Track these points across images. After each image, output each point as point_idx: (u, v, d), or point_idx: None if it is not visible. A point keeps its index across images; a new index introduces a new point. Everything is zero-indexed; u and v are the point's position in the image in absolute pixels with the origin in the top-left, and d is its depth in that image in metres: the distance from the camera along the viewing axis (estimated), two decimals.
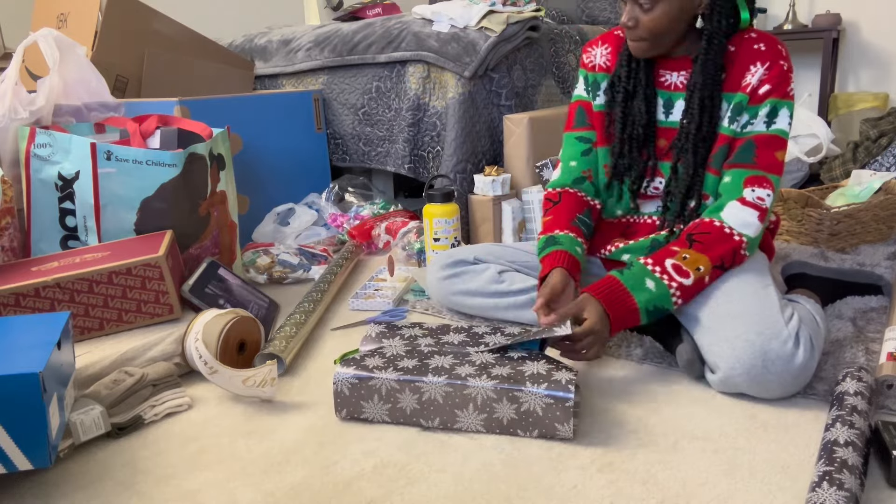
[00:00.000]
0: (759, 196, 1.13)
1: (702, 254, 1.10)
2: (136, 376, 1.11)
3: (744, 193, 1.13)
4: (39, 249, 1.45)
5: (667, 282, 1.09)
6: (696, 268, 1.10)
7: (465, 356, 1.06)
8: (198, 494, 0.90)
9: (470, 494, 0.87)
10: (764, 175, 1.13)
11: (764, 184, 1.13)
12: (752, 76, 1.14)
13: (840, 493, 0.76)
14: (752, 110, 1.15)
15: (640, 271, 1.11)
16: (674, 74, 1.22)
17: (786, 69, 1.14)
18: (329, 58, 2.30)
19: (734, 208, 1.13)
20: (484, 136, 2.10)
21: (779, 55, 1.14)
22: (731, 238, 1.11)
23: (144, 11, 2.10)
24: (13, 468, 0.86)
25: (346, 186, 2.29)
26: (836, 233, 1.76)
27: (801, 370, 1.01)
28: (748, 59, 1.14)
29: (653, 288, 1.09)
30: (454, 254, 1.45)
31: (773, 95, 1.13)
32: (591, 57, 1.31)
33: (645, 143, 1.24)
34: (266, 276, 1.76)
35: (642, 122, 1.23)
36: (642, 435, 0.98)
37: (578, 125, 1.34)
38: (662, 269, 1.10)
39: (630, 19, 1.14)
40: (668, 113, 1.23)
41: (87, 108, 1.68)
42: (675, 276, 1.10)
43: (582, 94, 1.34)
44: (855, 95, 3.08)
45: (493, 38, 2.01)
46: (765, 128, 1.14)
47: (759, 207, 1.12)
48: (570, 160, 1.33)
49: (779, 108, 1.14)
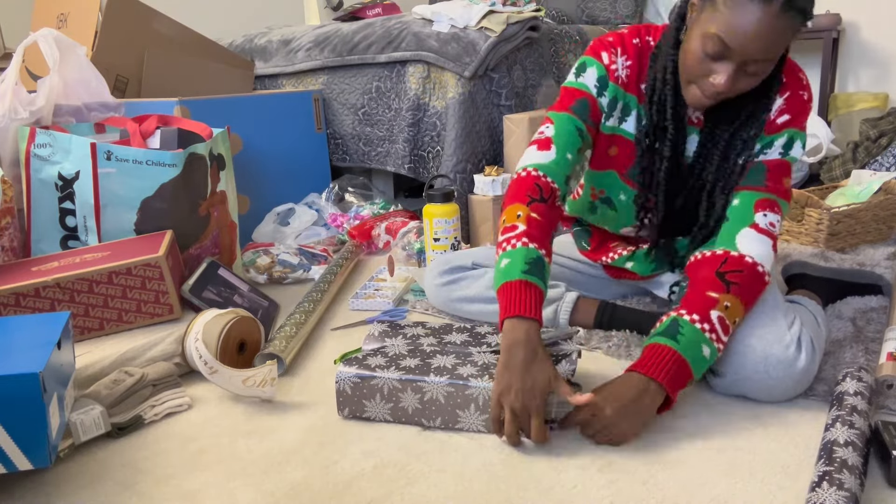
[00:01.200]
0: (771, 222, 1.06)
1: (739, 301, 1.00)
2: (136, 376, 1.11)
3: (756, 219, 1.06)
4: (39, 249, 1.45)
5: (717, 344, 0.98)
6: (734, 321, 1.00)
7: (467, 356, 1.06)
8: (198, 494, 0.90)
9: (470, 494, 0.87)
10: (775, 199, 1.08)
11: (775, 208, 1.07)
12: (776, 111, 1.09)
13: (840, 493, 0.76)
14: (767, 140, 1.09)
15: (695, 337, 0.97)
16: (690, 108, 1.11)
17: (805, 99, 1.09)
18: (329, 58, 2.30)
19: (750, 238, 1.05)
20: (484, 136, 2.10)
21: (798, 85, 1.08)
22: (762, 278, 1.03)
23: (144, 11, 2.10)
24: (13, 468, 0.86)
25: (346, 186, 2.29)
26: (836, 233, 1.76)
27: (803, 374, 1.01)
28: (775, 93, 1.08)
29: (707, 356, 0.98)
30: (452, 259, 1.43)
31: (791, 125, 1.08)
32: (613, 61, 1.14)
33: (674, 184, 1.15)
34: (266, 276, 1.76)
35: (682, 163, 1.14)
36: (642, 435, 0.98)
37: (579, 114, 1.14)
38: (711, 328, 0.98)
39: (729, 81, 0.97)
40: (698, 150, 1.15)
41: (87, 108, 1.68)
42: (722, 336, 0.99)
43: (588, 87, 1.15)
44: (855, 95, 3.07)
45: (493, 38, 2.01)
46: (778, 156, 1.09)
47: (773, 235, 1.06)
48: (567, 152, 1.12)
49: (795, 139, 1.09)
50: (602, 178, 1.24)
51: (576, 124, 1.14)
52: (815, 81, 3.30)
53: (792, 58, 1.09)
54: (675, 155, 1.13)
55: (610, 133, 1.19)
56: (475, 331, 1.16)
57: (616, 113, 1.17)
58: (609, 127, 1.18)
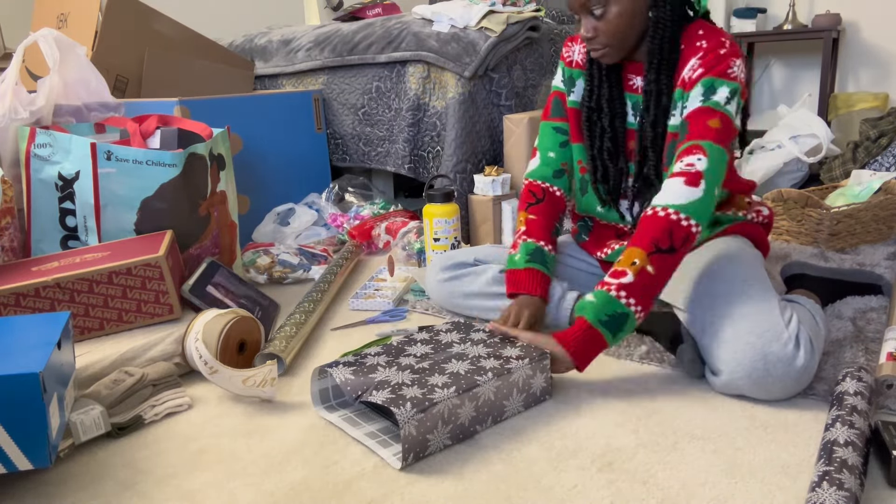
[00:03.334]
0: (688, 163, 1.07)
1: (633, 247, 1.06)
2: (136, 376, 1.11)
3: (674, 168, 1.09)
4: (39, 249, 1.45)
5: (605, 288, 1.05)
6: (630, 262, 1.05)
7: (466, 356, 1.07)
8: (198, 494, 0.90)
9: (470, 494, 0.87)
10: (693, 143, 1.08)
11: (693, 151, 1.08)
12: (687, 68, 1.13)
13: (840, 493, 0.76)
14: (686, 95, 1.13)
15: (585, 297, 1.09)
16: (638, 78, 1.22)
17: (723, 53, 1.10)
18: (329, 58, 2.30)
19: (665, 184, 1.09)
20: (484, 136, 2.10)
21: (718, 45, 1.11)
22: (657, 217, 1.06)
23: (144, 11, 2.10)
24: (13, 468, 0.86)
25: (346, 186, 2.29)
26: (835, 233, 1.76)
27: (802, 372, 1.01)
28: (689, 55, 1.13)
29: (593, 299, 1.06)
30: (454, 256, 1.45)
31: (707, 75, 1.10)
32: (570, 52, 1.32)
33: (615, 150, 1.25)
34: (266, 276, 1.76)
35: (619, 127, 1.24)
36: (642, 435, 0.98)
37: (555, 115, 1.34)
38: (602, 283, 1.07)
39: (588, 30, 1.14)
40: (636, 115, 1.23)
41: (87, 108, 1.68)
42: (611, 280, 1.05)
43: (559, 86, 1.34)
44: (855, 95, 3.08)
45: (493, 38, 2.01)
46: (699, 103, 1.10)
47: (687, 173, 1.07)
48: (549, 150, 1.34)
49: (717, 86, 1.09)
50: (580, 151, 1.34)
51: (553, 126, 1.35)
52: (815, 81, 3.30)
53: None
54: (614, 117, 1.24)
55: (572, 107, 1.33)
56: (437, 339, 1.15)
57: (572, 89, 1.32)
58: (570, 101, 1.33)
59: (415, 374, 1.02)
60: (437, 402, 0.94)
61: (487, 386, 0.99)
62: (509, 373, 1.02)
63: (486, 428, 1.01)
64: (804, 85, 3.38)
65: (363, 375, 1.02)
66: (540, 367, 1.06)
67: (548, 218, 1.32)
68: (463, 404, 0.96)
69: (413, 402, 0.93)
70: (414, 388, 0.97)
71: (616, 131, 1.25)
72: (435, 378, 1.00)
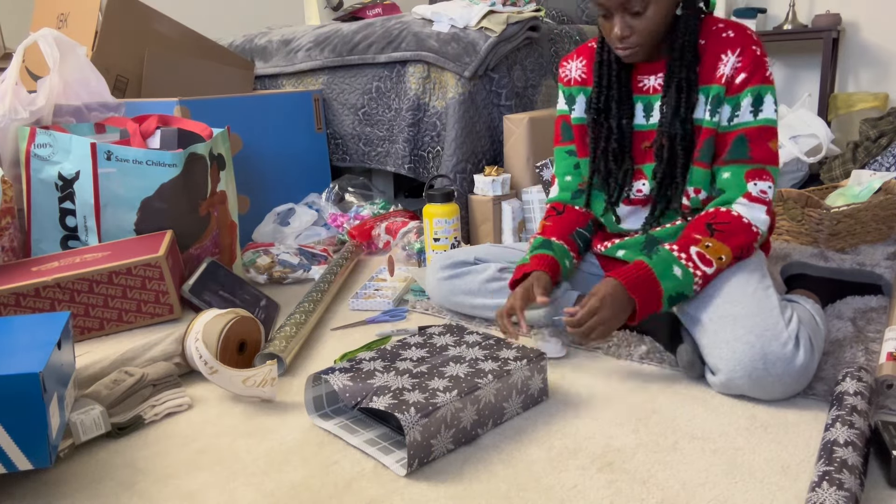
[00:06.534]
0: (762, 189, 1.13)
1: (723, 244, 1.11)
2: (136, 376, 1.11)
3: (748, 188, 1.13)
4: (40, 249, 1.45)
5: (692, 269, 1.10)
6: (718, 257, 1.10)
7: (463, 359, 1.07)
8: (198, 494, 0.90)
9: (470, 494, 0.87)
10: (763, 168, 1.14)
11: (764, 176, 1.13)
12: (725, 66, 1.14)
13: (840, 493, 0.76)
14: (733, 101, 1.14)
15: (668, 257, 1.11)
16: (651, 78, 1.22)
17: (759, 54, 1.13)
18: (329, 58, 2.30)
19: (742, 205, 1.13)
20: (484, 136, 2.10)
21: (749, 40, 1.13)
22: (749, 229, 1.12)
23: (144, 11, 2.10)
24: (13, 468, 0.86)
25: (346, 186, 2.29)
26: (835, 233, 1.76)
27: (802, 371, 1.01)
28: (719, 49, 1.14)
29: (679, 276, 1.09)
30: (454, 255, 1.45)
31: (752, 83, 1.13)
32: (566, 72, 1.33)
33: (622, 151, 1.25)
34: (266, 276, 1.76)
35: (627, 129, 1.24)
36: (642, 435, 0.98)
37: (564, 139, 1.37)
38: (688, 257, 1.10)
39: (624, 28, 1.12)
40: (649, 116, 1.24)
41: (87, 108, 1.67)
42: (699, 264, 1.10)
43: (563, 109, 1.36)
44: (855, 95, 3.08)
45: (493, 38, 2.01)
46: (752, 118, 1.14)
47: (765, 201, 1.13)
48: (565, 175, 1.37)
49: (763, 95, 1.13)
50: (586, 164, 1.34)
51: (565, 150, 1.37)
52: (815, 81, 3.30)
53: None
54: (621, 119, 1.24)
55: (576, 124, 1.34)
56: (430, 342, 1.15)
57: (573, 106, 1.33)
58: (574, 118, 1.34)
59: (414, 379, 1.01)
60: (441, 406, 0.93)
61: (488, 388, 0.99)
62: (508, 374, 1.02)
63: (487, 431, 1.01)
64: (804, 85, 3.38)
65: (361, 381, 1.01)
66: (538, 367, 1.06)
67: (565, 223, 1.33)
68: (465, 407, 0.96)
69: (416, 406, 0.92)
70: (415, 392, 0.96)
71: (623, 132, 1.25)
72: (435, 382, 0.99)
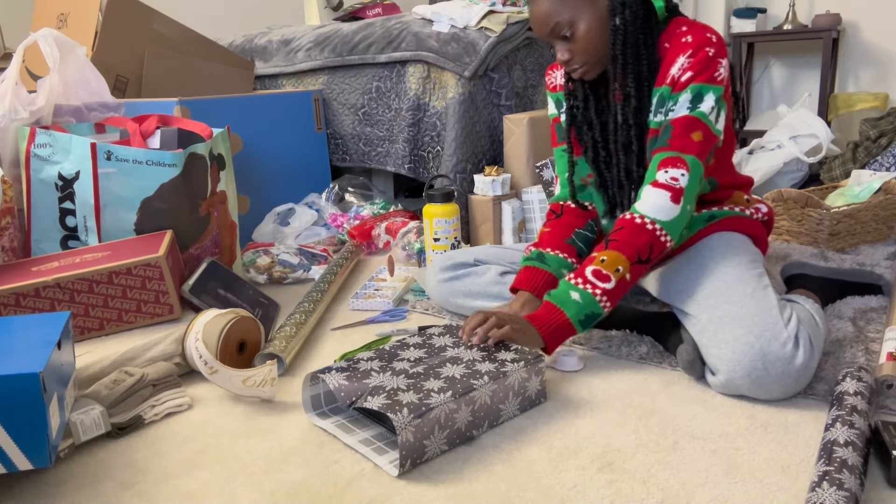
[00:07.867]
0: (673, 176, 1.12)
1: (618, 253, 1.12)
2: (136, 376, 1.11)
3: (657, 176, 1.13)
4: (39, 249, 1.45)
5: (590, 290, 1.12)
6: (615, 269, 1.11)
7: (462, 360, 1.07)
8: (198, 494, 0.90)
9: (470, 494, 0.87)
10: (678, 156, 1.12)
11: (678, 164, 1.12)
12: (676, 66, 1.14)
13: (840, 493, 0.76)
14: (675, 97, 1.14)
15: (565, 287, 1.14)
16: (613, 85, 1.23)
17: (711, 55, 1.12)
18: (329, 58, 2.30)
19: (648, 193, 1.14)
20: (484, 136, 2.10)
21: (705, 42, 1.12)
22: (643, 229, 1.12)
23: (144, 11, 2.10)
24: (13, 468, 0.86)
25: (346, 186, 2.29)
26: (835, 233, 1.76)
27: (802, 371, 1.01)
28: (677, 51, 1.14)
29: (578, 299, 1.12)
30: (454, 256, 1.45)
31: (697, 81, 1.12)
32: (552, 79, 1.37)
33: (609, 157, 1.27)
34: (266, 276, 1.76)
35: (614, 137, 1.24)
36: (642, 435, 0.98)
37: (560, 140, 1.39)
38: (584, 280, 1.12)
39: (564, 53, 1.16)
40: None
41: (87, 108, 1.68)
42: (597, 283, 1.12)
43: (554, 112, 1.39)
44: (855, 95, 3.08)
45: (493, 38, 2.01)
46: (686, 112, 1.13)
47: (672, 188, 1.12)
48: (565, 173, 1.37)
49: (704, 94, 1.12)
50: (584, 163, 1.36)
51: (561, 150, 1.38)
52: (815, 81, 3.30)
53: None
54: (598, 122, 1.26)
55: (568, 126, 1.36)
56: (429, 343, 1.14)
57: (562, 111, 1.36)
58: (565, 122, 1.35)
59: (410, 379, 1.00)
60: (434, 407, 0.92)
61: (484, 390, 0.99)
62: (505, 376, 1.01)
63: (482, 432, 1.01)
64: (804, 85, 3.38)
65: (357, 381, 1.01)
66: (535, 369, 1.06)
67: (563, 227, 1.34)
68: (459, 409, 0.96)
69: (409, 407, 0.92)
70: (410, 393, 0.96)
71: (608, 140, 1.26)
72: (430, 383, 0.99)
